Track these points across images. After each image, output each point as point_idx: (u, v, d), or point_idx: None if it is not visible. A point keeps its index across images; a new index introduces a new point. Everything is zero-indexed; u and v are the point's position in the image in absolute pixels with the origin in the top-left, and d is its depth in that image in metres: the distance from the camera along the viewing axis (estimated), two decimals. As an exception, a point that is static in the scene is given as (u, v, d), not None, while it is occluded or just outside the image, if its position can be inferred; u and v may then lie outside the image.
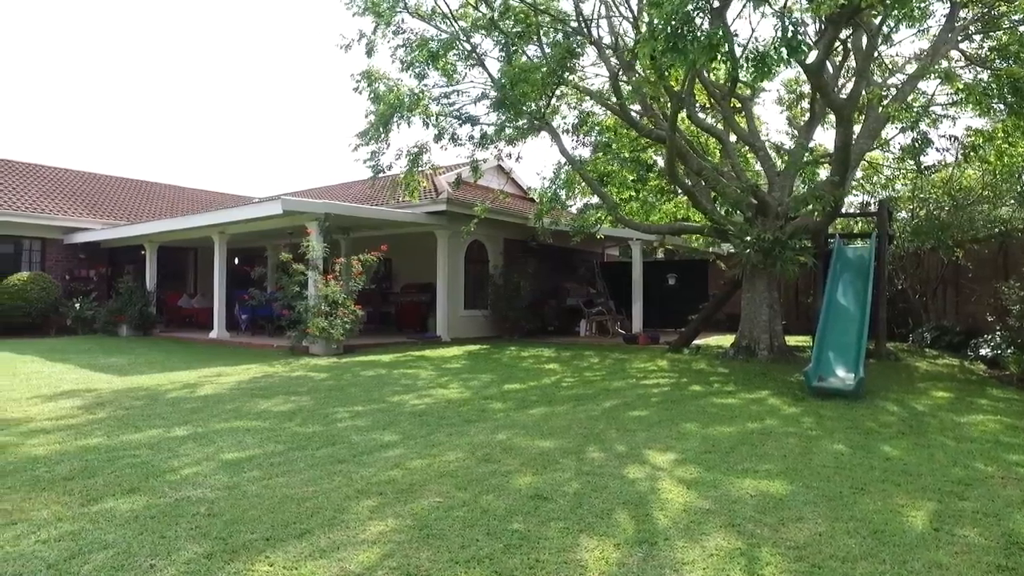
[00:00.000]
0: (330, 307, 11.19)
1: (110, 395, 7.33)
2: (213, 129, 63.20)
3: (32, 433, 5.45)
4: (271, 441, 5.26)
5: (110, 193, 22.25)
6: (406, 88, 11.91)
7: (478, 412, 6.59)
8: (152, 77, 58.14)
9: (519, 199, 19.19)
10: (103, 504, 3.78)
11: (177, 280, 20.53)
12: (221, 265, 14.55)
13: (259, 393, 7.47)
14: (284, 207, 11.31)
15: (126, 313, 16.17)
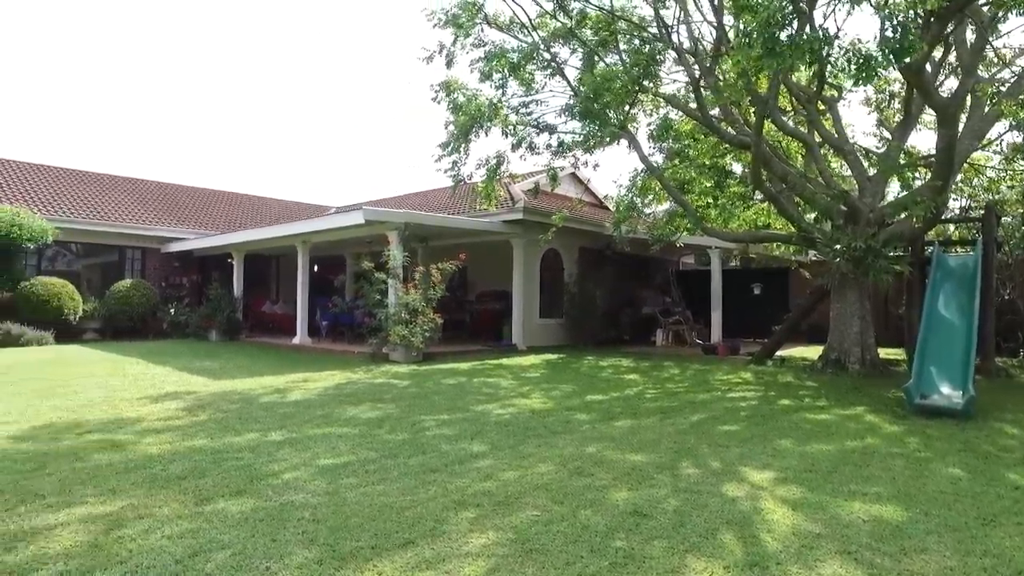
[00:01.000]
0: (410, 315, 11.40)
1: (208, 398, 7.68)
2: (290, 139, 65.80)
3: (146, 432, 5.76)
4: (363, 448, 5.37)
5: (201, 204, 23.54)
6: (484, 98, 12.04)
7: (563, 423, 6.54)
8: (235, 91, 61.11)
9: (594, 207, 19.07)
10: (215, 504, 3.93)
11: (261, 287, 21.41)
12: (304, 273, 15.07)
13: (346, 400, 7.66)
14: (365, 217, 11.61)
15: (215, 318, 16.99)
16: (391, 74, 65.84)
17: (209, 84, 58.14)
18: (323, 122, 65.75)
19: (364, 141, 68.36)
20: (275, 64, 59.27)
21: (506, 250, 15.27)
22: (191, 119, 59.99)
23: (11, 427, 5.93)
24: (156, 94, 57.79)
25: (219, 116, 61.20)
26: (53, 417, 6.41)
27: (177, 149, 59.01)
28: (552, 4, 11.86)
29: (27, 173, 20.25)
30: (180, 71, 55.93)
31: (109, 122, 56.73)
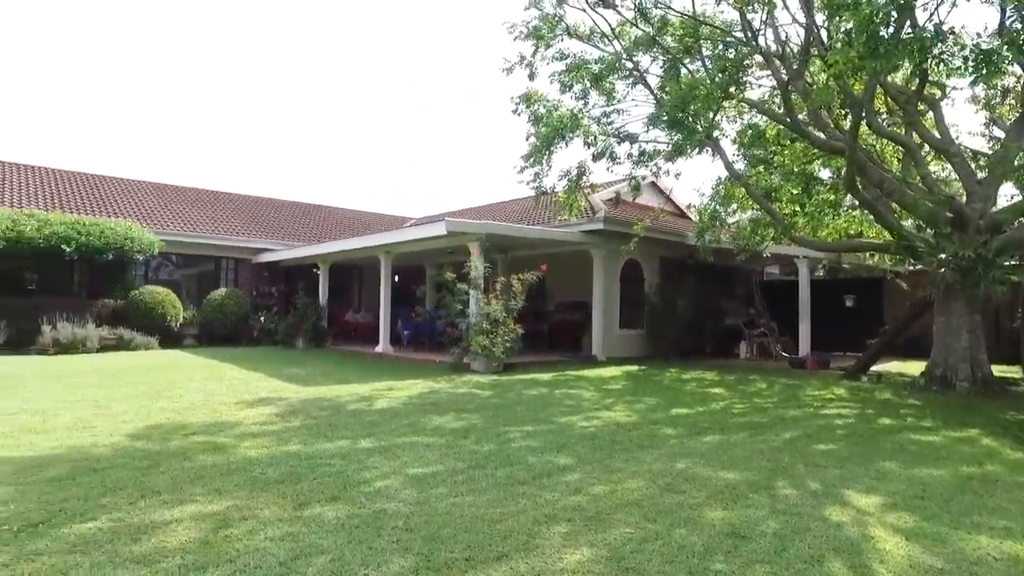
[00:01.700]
0: (491, 325, 11.49)
1: (299, 404, 7.97)
2: (367, 150, 67.93)
3: (244, 436, 6.03)
4: (450, 458, 5.42)
5: (287, 216, 24.69)
6: (565, 109, 12.05)
7: (649, 437, 6.41)
8: (311, 103, 63.67)
9: (675, 216, 18.72)
10: (312, 509, 4.06)
11: (344, 296, 22.14)
12: (387, 283, 15.47)
13: (430, 409, 7.78)
14: (448, 228, 11.81)
15: (302, 326, 17.69)
16: (464, 82, 66.97)
17: (286, 98, 60.86)
18: (397, 133, 67.55)
19: (440, 151, 69.77)
20: (343, 77, 61.43)
21: (585, 260, 15.19)
22: (270, 132, 62.93)
23: (128, 426, 6.34)
24: (248, 113, 61.00)
25: (297, 129, 63.92)
26: (162, 418, 6.81)
27: (258, 161, 62.02)
28: (633, 12, 11.77)
29: (137, 190, 21.87)
30: (252, 86, 58.82)
31: (203, 139, 60.30)
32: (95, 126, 55.86)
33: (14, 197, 17.73)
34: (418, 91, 64.63)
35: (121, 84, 54.47)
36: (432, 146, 68.84)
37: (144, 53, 51.93)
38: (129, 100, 56.93)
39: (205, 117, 59.90)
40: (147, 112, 57.85)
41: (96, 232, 15.86)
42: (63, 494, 4.21)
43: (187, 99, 56.96)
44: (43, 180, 20.32)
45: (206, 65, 54.88)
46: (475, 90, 68.99)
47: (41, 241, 15.09)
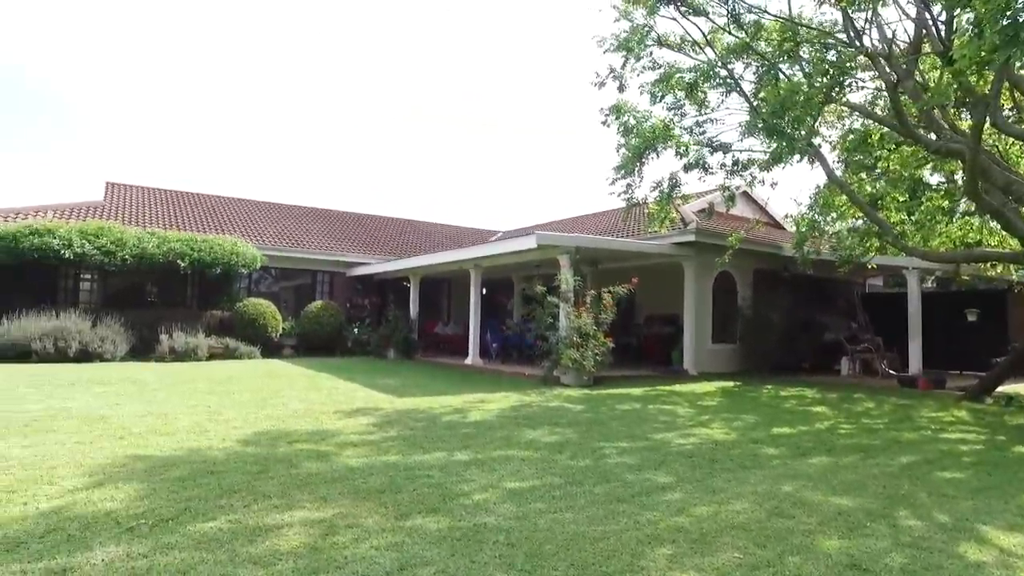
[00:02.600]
0: (582, 338, 11.40)
1: (394, 415, 8.15)
2: (455, 165, 69.32)
3: (345, 445, 6.22)
4: (547, 473, 5.38)
5: (379, 231, 25.61)
6: (657, 120, 11.85)
7: (750, 457, 6.14)
8: (400, 120, 65.67)
9: (769, 227, 18.03)
10: (413, 520, 4.11)
11: (433, 308, 22.62)
12: (476, 296, 15.67)
13: (524, 422, 7.77)
14: (539, 241, 11.85)
15: (393, 338, 18.18)
16: (551, 96, 67.25)
17: (377, 115, 63.03)
18: (481, 147, 68.59)
19: (523, 164, 70.29)
20: (447, 93, 62.99)
21: (675, 272, 14.86)
22: (362, 149, 65.32)
23: (238, 432, 6.69)
24: (344, 131, 63.70)
25: (385, 144, 66.07)
26: (268, 425, 7.13)
27: (351, 177, 64.50)
28: (725, 18, 11.45)
29: (241, 207, 23.36)
30: (348, 105, 61.20)
31: (301, 157, 63.42)
32: (205, 148, 59.93)
33: (138, 217, 19.25)
34: (495, 105, 65.55)
35: (228, 108, 58.23)
36: (517, 158, 69.54)
37: (243, 75, 55.31)
38: (235, 123, 60.75)
39: (305, 136, 63.01)
40: (250, 133, 61.51)
41: (206, 248, 16.98)
42: (187, 493, 4.47)
43: (292, 121, 60.17)
44: (162, 201, 22.05)
45: (304, 87, 57.80)
46: (559, 102, 69.22)
47: (160, 257, 16.32)
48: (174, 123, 58.63)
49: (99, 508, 4.13)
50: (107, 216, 18.36)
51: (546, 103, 68.25)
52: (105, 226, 16.20)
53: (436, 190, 68.15)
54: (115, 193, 21.56)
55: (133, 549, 3.48)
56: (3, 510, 4.09)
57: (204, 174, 60.17)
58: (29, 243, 14.88)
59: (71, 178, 55.19)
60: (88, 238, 15.59)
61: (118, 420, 7.18)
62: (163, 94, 54.53)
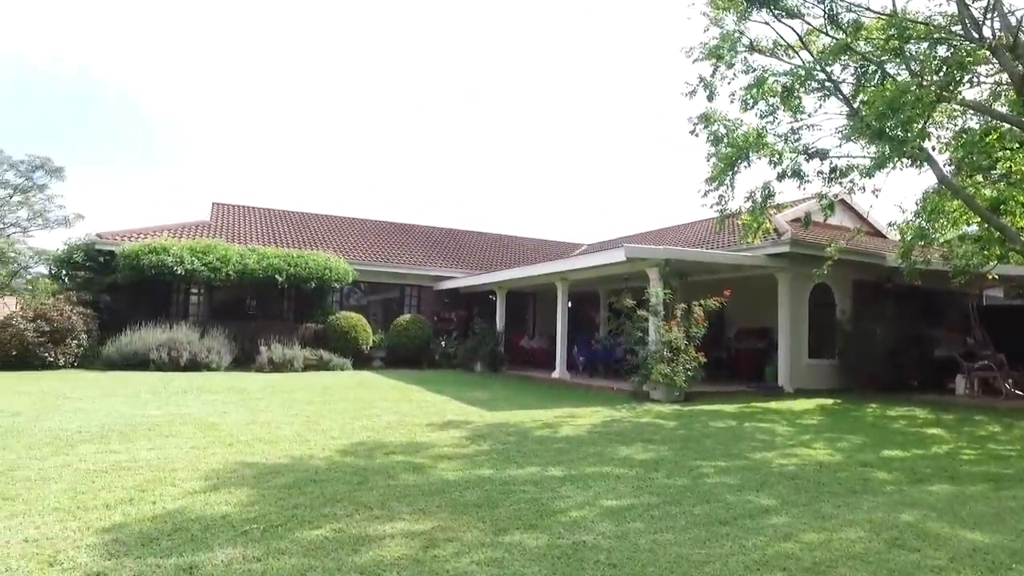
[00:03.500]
0: (672, 353, 11.14)
1: (485, 428, 8.20)
2: (536, 176, 69.67)
3: (439, 458, 6.30)
4: (643, 492, 5.25)
5: (463, 244, 26.08)
6: (749, 128, 11.49)
7: (860, 481, 5.78)
8: (486, 136, 66.63)
9: (870, 236, 17.09)
10: (511, 536, 4.10)
11: (518, 321, 22.72)
12: (563, 309, 15.62)
13: (616, 438, 7.64)
14: (627, 254, 11.69)
15: (480, 351, 18.36)
16: (631, 105, 66.64)
17: (460, 132, 64.23)
18: (561, 160, 68.63)
19: (603, 176, 69.82)
20: (524, 107, 63.59)
21: (767, 284, 14.30)
22: (445, 164, 66.70)
23: (337, 442, 6.91)
24: (427, 148, 65.41)
25: (468, 159, 67.19)
26: (364, 436, 7.34)
27: (435, 192, 65.96)
28: (822, 19, 11.00)
29: (333, 224, 24.41)
30: (435, 122, 62.68)
31: (389, 174, 65.52)
32: (299, 166, 63.00)
33: (240, 234, 20.43)
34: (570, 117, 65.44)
35: (321, 127, 61.01)
36: (599, 169, 69.20)
37: (327, 93, 57.78)
38: (327, 140, 63.56)
39: (389, 152, 65.14)
40: (339, 150, 64.16)
41: (302, 263, 17.79)
42: (293, 501, 4.65)
43: (377, 137, 62.41)
44: (261, 218, 23.35)
45: (383, 103, 59.81)
46: (650, 113, 68.48)
47: (260, 272, 17.23)
48: (272, 143, 62.02)
49: (216, 511, 4.36)
50: (213, 234, 19.56)
51: (633, 113, 67.67)
52: (211, 244, 17.29)
53: (517, 202, 68.77)
54: (219, 212, 22.99)
55: (248, 552, 3.64)
56: (137, 508, 4.40)
57: (298, 191, 63.24)
58: (148, 260, 16.07)
59: (179, 198, 59.28)
60: (197, 255, 16.67)
61: (227, 427, 7.58)
62: (259, 114, 57.82)
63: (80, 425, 7.43)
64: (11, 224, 30.86)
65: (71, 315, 15.12)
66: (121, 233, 18.14)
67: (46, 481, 5.03)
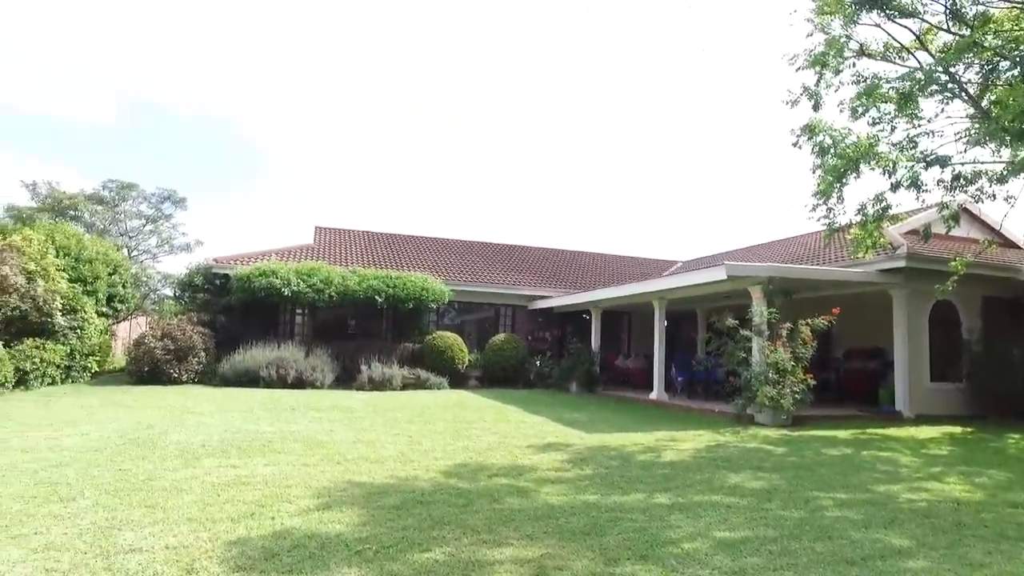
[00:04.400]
0: (778, 375, 10.62)
1: (585, 451, 8.06)
2: (625, 194, 68.88)
3: (542, 481, 6.24)
4: (758, 523, 4.98)
5: (556, 264, 26.08)
6: (859, 137, 10.86)
7: (1013, 524, 5.22)
8: (576, 155, 66.61)
9: (1002, 247, 15.71)
10: (623, 567, 3.97)
11: (612, 341, 22.39)
12: (661, 329, 15.27)
13: (722, 464, 7.33)
14: (728, 272, 11.29)
15: (575, 372, 18.21)
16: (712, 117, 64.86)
17: (553, 151, 64.55)
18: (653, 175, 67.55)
19: (692, 189, 68.15)
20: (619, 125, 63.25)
21: (879, 302, 13.41)
22: (536, 182, 67.12)
23: (439, 463, 7.00)
24: (520, 167, 66.25)
25: (558, 177, 67.32)
26: (465, 457, 7.39)
27: (528, 211, 66.45)
28: (942, 16, 10.28)
29: (429, 246, 25.07)
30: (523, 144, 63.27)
31: (483, 195, 66.77)
32: (396, 189, 65.32)
33: (341, 257, 21.34)
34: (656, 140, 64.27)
35: (413, 149, 63.11)
36: (693, 186, 67.72)
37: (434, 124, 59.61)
38: (418, 162, 65.64)
39: (485, 175, 66.43)
40: (433, 175, 66.02)
41: (400, 284, 18.34)
42: (402, 522, 4.72)
43: (464, 156, 63.84)
44: (360, 241, 24.35)
45: (470, 122, 61.09)
46: (741, 125, 66.50)
47: (361, 294, 17.92)
48: (370, 165, 64.70)
49: (330, 529, 4.49)
50: (316, 257, 20.53)
51: (722, 127, 65.87)
52: (315, 266, 18.14)
53: (607, 219, 68.21)
54: (322, 236, 24.14)
55: (364, 573, 3.72)
56: (258, 522, 4.61)
57: (394, 212, 65.47)
58: (258, 283, 17.07)
59: (285, 222, 62.77)
60: (302, 277, 17.54)
61: (334, 446, 7.84)
62: (357, 140, 60.49)
63: (203, 439, 7.90)
64: (144, 251, 33.70)
65: (192, 334, 16.24)
66: (234, 257, 19.36)
67: (179, 492, 5.37)
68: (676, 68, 55.87)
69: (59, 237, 17.10)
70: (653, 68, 55.78)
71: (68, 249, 16.95)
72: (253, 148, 57.23)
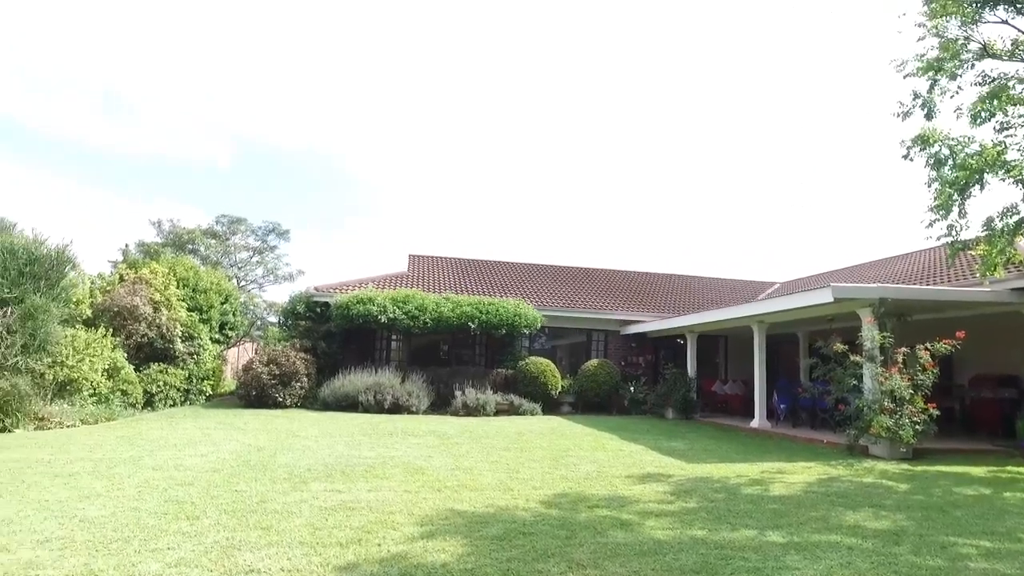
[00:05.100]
0: (895, 404, 9.88)
1: (687, 483, 7.76)
2: (714, 214, 66.89)
3: (646, 514, 6.04)
4: (887, 569, 4.59)
5: (647, 287, 25.63)
6: (982, 144, 10.05)
7: None
8: (665, 174, 65.49)
9: None
10: (740, 611, 3.75)
11: (708, 366, 21.65)
12: (761, 354, 14.62)
13: (838, 501, 6.85)
14: (835, 295, 10.67)
15: (671, 397, 17.72)
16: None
17: (643, 170, 63.76)
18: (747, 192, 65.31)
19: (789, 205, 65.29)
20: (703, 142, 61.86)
21: (1010, 324, 12.29)
22: (621, 202, 66.36)
23: (539, 492, 6.92)
24: (609, 189, 65.94)
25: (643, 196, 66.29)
26: (564, 487, 7.27)
27: (616, 234, 65.75)
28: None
29: (520, 272, 25.27)
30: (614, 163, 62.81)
31: (570, 220, 66.79)
32: (485, 215, 66.49)
33: (434, 284, 21.84)
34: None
35: (502, 174, 64.14)
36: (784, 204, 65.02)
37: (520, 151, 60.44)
38: (507, 187, 66.56)
39: (575, 200, 66.56)
40: (517, 196, 66.75)
41: (493, 310, 18.53)
42: (505, 554, 4.66)
43: (554, 180, 64.20)
44: (452, 268, 24.85)
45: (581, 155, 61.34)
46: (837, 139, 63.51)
47: (454, 320, 18.23)
48: (459, 191, 66.25)
49: (435, 559, 4.49)
50: (410, 284, 21.09)
51: (815, 143, 63.08)
52: (410, 293, 18.63)
53: (699, 242, 66.48)
54: (415, 263, 24.82)
55: (472, 607, 3.67)
56: (365, 548, 4.69)
57: (482, 238, 66.53)
58: (356, 311, 17.72)
59: (377, 250, 65.13)
60: (398, 304, 18.05)
61: (432, 472, 7.93)
62: (445, 168, 62.13)
63: (309, 463, 8.19)
64: (251, 281, 35.84)
65: (295, 360, 17.01)
66: (333, 286, 20.19)
67: (290, 515, 5.56)
68: (762, 81, 54.16)
69: (179, 269, 18.46)
70: (742, 80, 54.35)
71: (187, 280, 18.25)
72: (352, 180, 60.00)
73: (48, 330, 11.73)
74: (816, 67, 54.30)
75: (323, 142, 56.52)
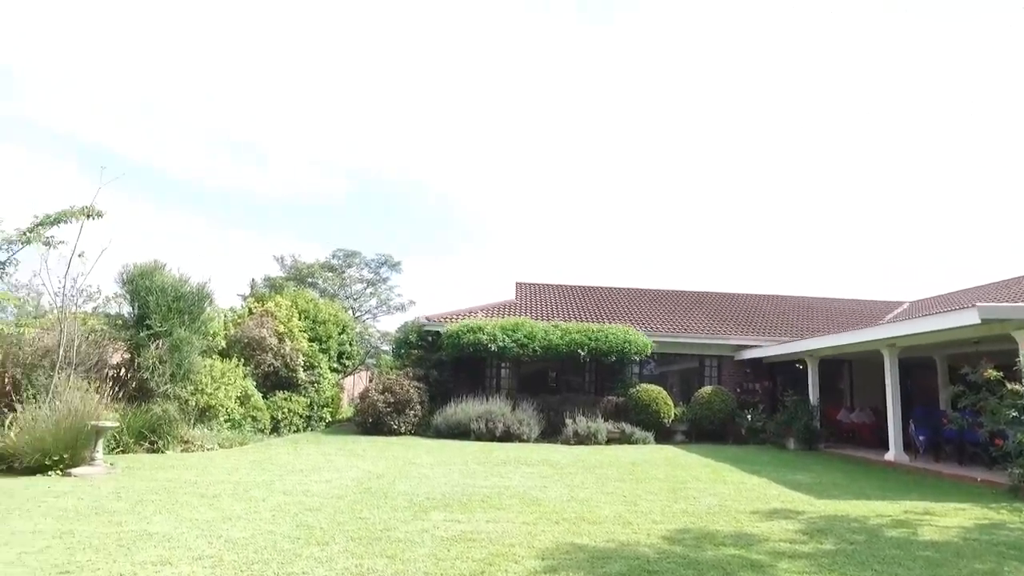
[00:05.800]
0: (1067, 439, 8.80)
1: (820, 521, 7.22)
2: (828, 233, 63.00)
3: (777, 555, 5.64)
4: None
5: (761, 310, 24.49)
6: None
7: None
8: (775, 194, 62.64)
9: None
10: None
11: (831, 393, 20.26)
12: (894, 380, 13.51)
13: (1009, 553, 6.07)
14: (982, 315, 9.69)
15: (792, 426, 16.71)
16: (956, 145, 57.27)
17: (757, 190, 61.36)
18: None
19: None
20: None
21: None
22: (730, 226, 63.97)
23: (659, 527, 6.67)
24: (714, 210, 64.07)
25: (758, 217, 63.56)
26: (686, 522, 6.97)
27: (722, 256, 63.44)
28: None
29: (629, 297, 24.92)
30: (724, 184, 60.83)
31: (678, 244, 65.31)
32: (588, 239, 66.31)
33: (541, 311, 21.90)
34: (891, 161, 58.04)
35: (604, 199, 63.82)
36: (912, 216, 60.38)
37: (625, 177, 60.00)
38: (614, 217, 66.08)
39: (682, 223, 65.19)
40: (624, 223, 66.04)
41: (602, 337, 18.32)
42: (632, 595, 4.50)
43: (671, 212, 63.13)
44: (560, 295, 24.88)
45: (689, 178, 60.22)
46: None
47: (563, 347, 18.17)
48: (565, 220, 66.53)
49: (560, 597, 4.40)
50: (518, 312, 21.25)
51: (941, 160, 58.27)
52: (519, 321, 18.77)
53: (815, 261, 62.94)
54: (523, 291, 25.04)
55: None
56: (487, 586, 4.67)
57: (590, 265, 66.28)
58: (467, 339, 18.06)
59: (485, 278, 66.36)
60: (507, 333, 18.22)
61: (548, 503, 7.84)
62: (547, 197, 62.62)
63: (427, 492, 8.34)
64: (365, 311, 37.57)
65: (409, 388, 17.51)
66: (443, 315, 20.70)
67: (413, 544, 5.65)
68: (873, 101, 50.92)
69: (300, 302, 19.61)
70: (850, 99, 51.37)
71: (307, 312, 19.34)
72: (459, 210, 61.81)
73: (191, 360, 12.79)
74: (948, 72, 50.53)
75: (432, 173, 58.71)
